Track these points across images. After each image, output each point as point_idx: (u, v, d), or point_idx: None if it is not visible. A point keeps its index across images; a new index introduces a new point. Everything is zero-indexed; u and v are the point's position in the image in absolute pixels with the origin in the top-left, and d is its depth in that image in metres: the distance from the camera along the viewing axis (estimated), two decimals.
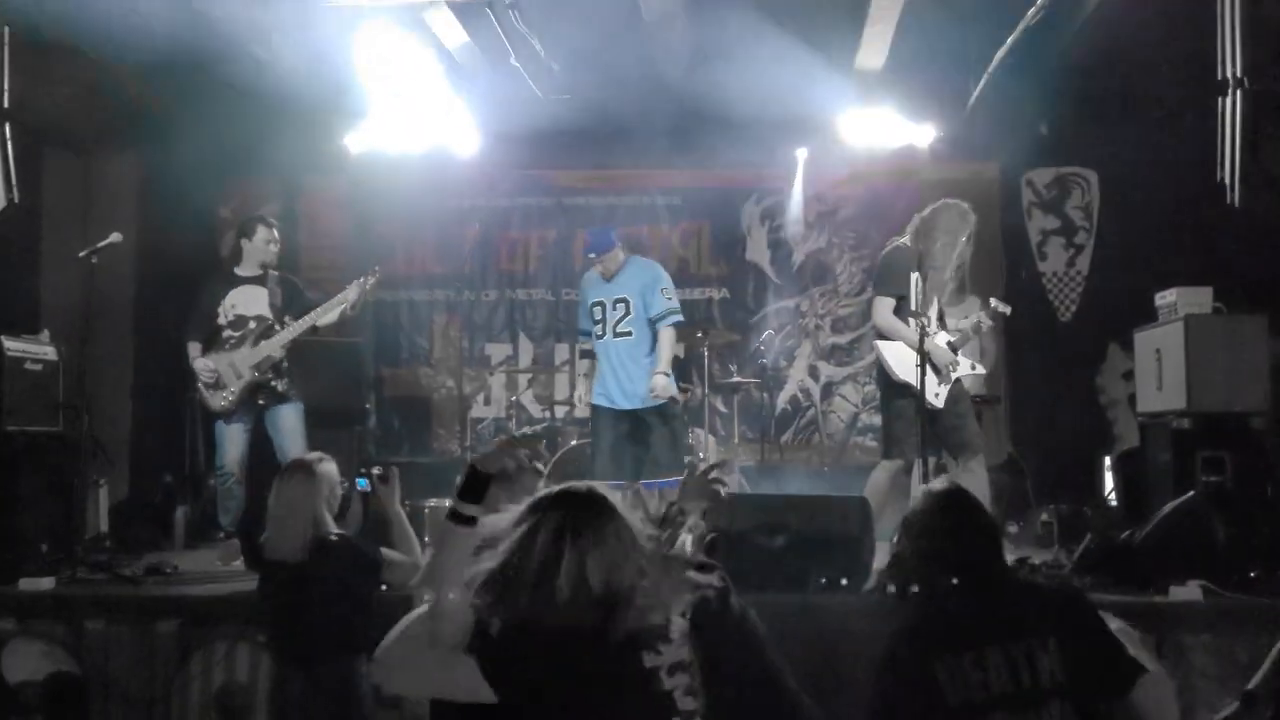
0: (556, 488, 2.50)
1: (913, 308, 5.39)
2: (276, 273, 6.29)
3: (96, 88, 6.83)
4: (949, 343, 5.77)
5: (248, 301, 6.15)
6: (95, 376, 5.74)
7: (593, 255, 6.54)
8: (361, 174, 8.43)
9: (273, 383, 6.07)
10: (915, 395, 5.36)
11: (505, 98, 8.14)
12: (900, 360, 5.58)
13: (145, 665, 4.67)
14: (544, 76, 7.65)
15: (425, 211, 8.88)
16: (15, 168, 5.67)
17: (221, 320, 6.12)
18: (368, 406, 8.44)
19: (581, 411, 6.94)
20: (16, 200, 5.70)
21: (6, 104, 5.59)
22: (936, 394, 5.60)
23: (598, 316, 6.44)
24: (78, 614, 4.76)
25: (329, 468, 4.07)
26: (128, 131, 7.80)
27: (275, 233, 6.31)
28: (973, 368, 5.92)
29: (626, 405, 6.33)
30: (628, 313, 6.37)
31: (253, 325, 6.11)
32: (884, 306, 5.73)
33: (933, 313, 5.74)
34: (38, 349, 5.80)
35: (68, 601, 4.85)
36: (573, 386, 6.62)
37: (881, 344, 5.74)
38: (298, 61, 7.40)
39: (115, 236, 5.69)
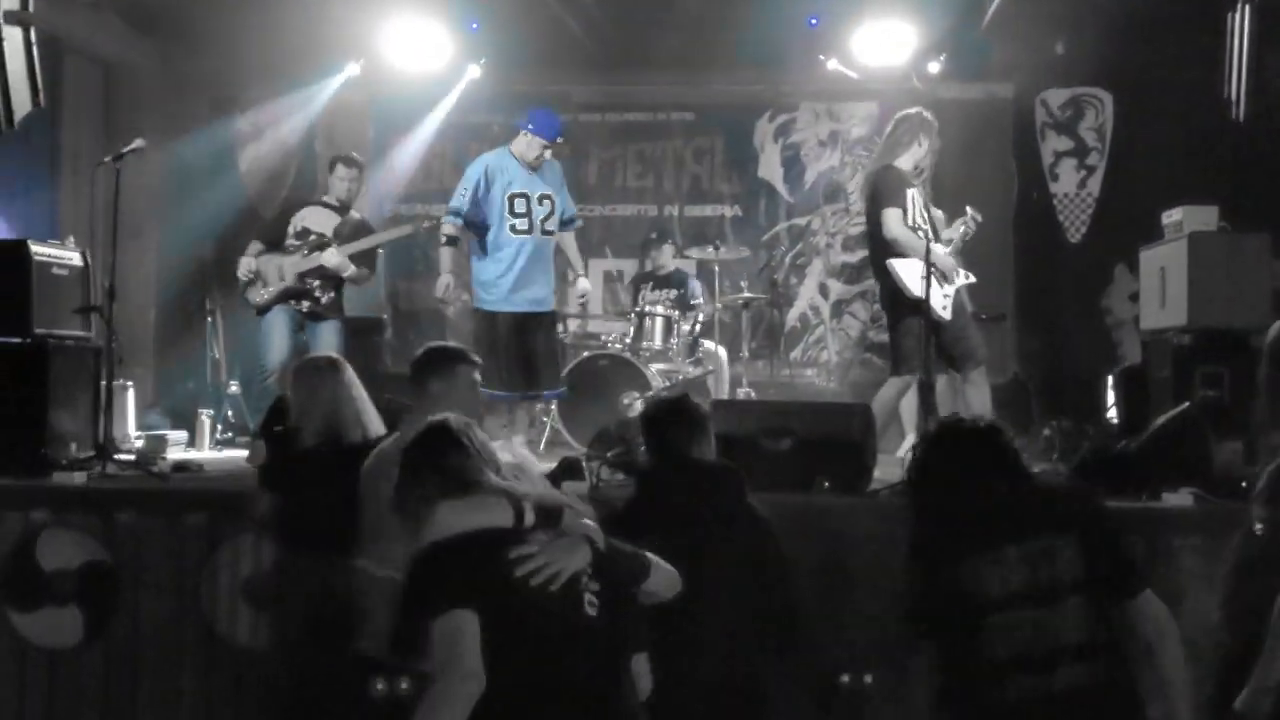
0: None
1: (911, 223, 5.50)
2: (357, 215, 6.70)
3: None
4: (946, 254, 5.87)
5: (318, 220, 6.54)
6: (120, 283, 5.86)
7: (555, 141, 6.10)
8: (378, 89, 8.50)
9: (317, 294, 6.37)
10: (924, 311, 5.48)
11: (521, 16, 8.16)
12: (913, 276, 5.67)
13: (174, 555, 4.77)
14: None
15: (441, 126, 8.92)
16: (40, 72, 5.73)
17: (290, 230, 6.50)
18: (384, 318, 8.57)
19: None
20: (42, 104, 5.77)
21: (31, 8, 5.64)
22: (944, 306, 5.71)
23: (520, 209, 5.99)
24: (109, 506, 4.86)
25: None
26: (147, 39, 7.83)
27: (355, 171, 6.66)
28: (966, 277, 6.00)
29: (534, 309, 6.07)
30: (552, 211, 6.09)
31: (312, 239, 6.45)
32: (894, 217, 5.76)
33: (928, 225, 5.85)
34: (64, 254, 5.89)
35: (99, 494, 4.98)
36: (447, 286, 6.09)
37: (895, 261, 5.80)
38: None
39: (139, 142, 5.76)
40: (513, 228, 5.98)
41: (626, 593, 2.61)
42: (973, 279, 6.10)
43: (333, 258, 6.37)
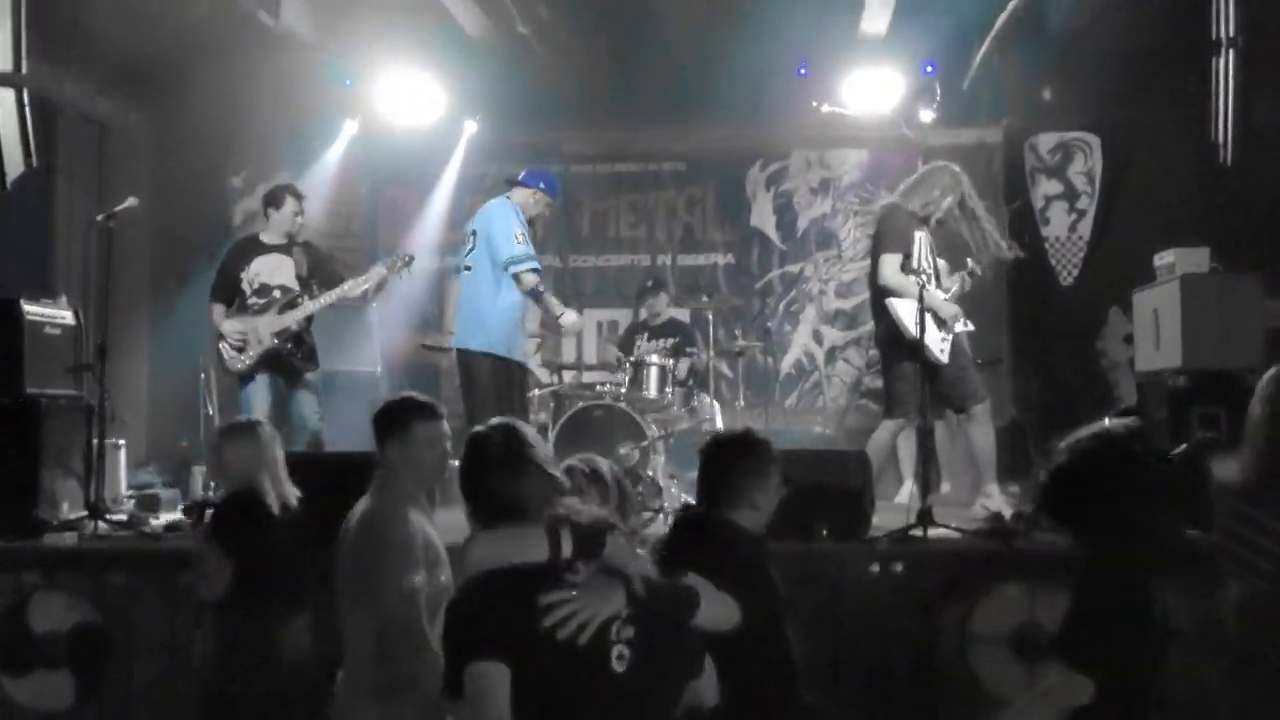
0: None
1: (915, 265, 5.51)
2: (302, 242, 6.45)
3: (109, 56, 6.92)
4: (945, 300, 5.86)
5: (272, 270, 6.33)
6: (112, 340, 5.86)
7: (551, 201, 6.36)
8: (372, 142, 8.57)
9: (293, 355, 6.26)
10: (920, 354, 5.48)
11: (514, 67, 8.26)
12: (911, 317, 5.67)
13: (167, 616, 4.76)
14: (551, 44, 7.74)
15: (435, 179, 8.97)
16: (33, 133, 5.76)
17: (245, 288, 6.30)
18: (377, 372, 8.55)
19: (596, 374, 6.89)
20: (34, 164, 5.79)
21: (25, 69, 5.68)
22: (941, 350, 5.71)
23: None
24: (100, 567, 4.86)
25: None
26: (141, 98, 7.88)
27: (302, 204, 6.46)
28: (965, 324, 6.00)
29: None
30: None
31: (277, 294, 6.30)
32: (891, 263, 5.76)
33: (934, 269, 5.87)
34: (56, 313, 5.89)
35: (91, 555, 4.97)
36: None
37: (894, 301, 5.78)
38: (306, 32, 7.54)
39: (132, 201, 5.79)
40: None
41: (672, 630, 2.46)
42: (970, 327, 6.10)
43: (301, 319, 6.26)
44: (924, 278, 5.56)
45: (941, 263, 6.18)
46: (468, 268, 6.11)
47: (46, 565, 4.88)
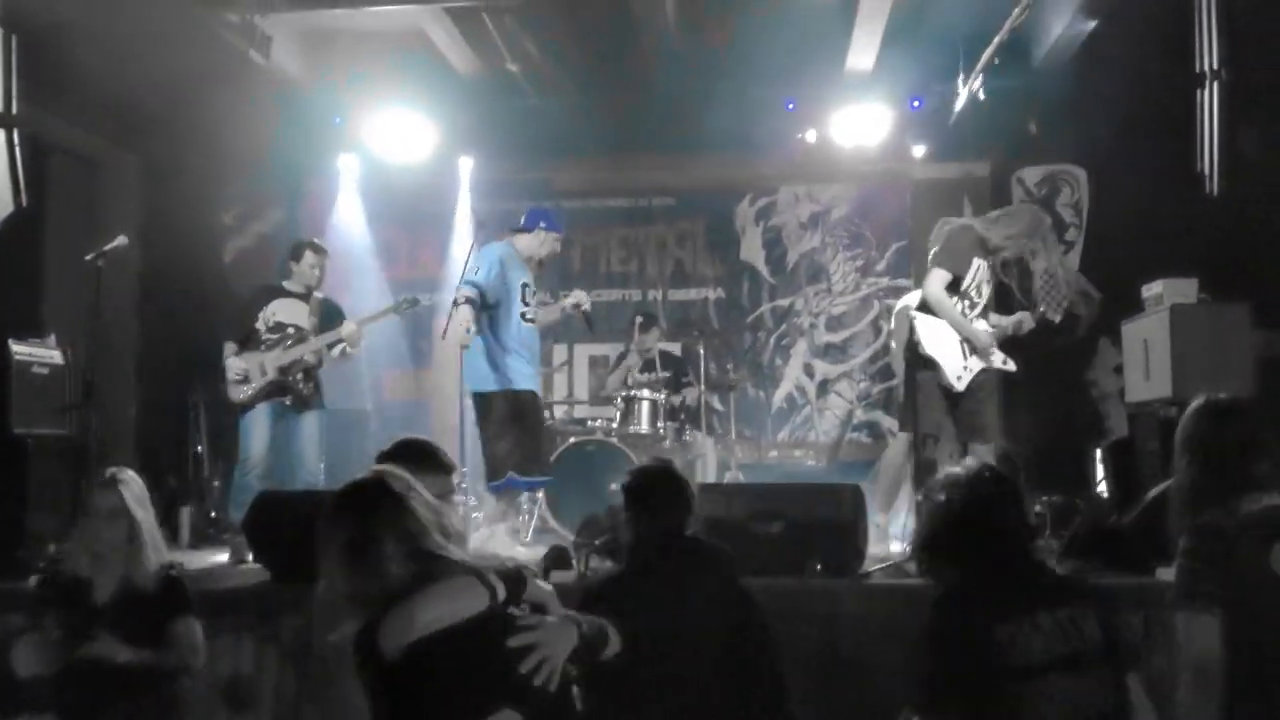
0: None
1: (962, 289, 5.52)
2: (320, 296, 6.63)
3: (100, 95, 6.93)
4: (988, 332, 5.85)
5: (290, 312, 6.48)
6: (101, 379, 5.84)
7: (559, 235, 6.44)
8: (363, 179, 8.60)
9: (299, 386, 6.35)
10: (936, 372, 5.48)
11: (504, 104, 8.30)
12: (931, 335, 5.66)
13: None
14: (540, 81, 7.78)
15: (426, 215, 8.99)
16: (23, 172, 5.76)
17: (260, 326, 6.41)
18: (367, 409, 8.53)
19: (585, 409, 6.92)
20: (24, 204, 5.79)
21: (15, 110, 5.69)
22: (959, 377, 5.69)
23: (529, 299, 6.24)
24: None
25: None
26: (132, 137, 7.89)
27: (323, 258, 6.65)
28: (1004, 362, 5.94)
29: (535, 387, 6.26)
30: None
31: (290, 331, 6.41)
32: (938, 279, 5.71)
33: (983, 299, 5.84)
34: (44, 353, 5.89)
35: None
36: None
37: (918, 316, 5.75)
38: (297, 71, 7.56)
39: (121, 240, 5.80)
40: (523, 315, 6.15)
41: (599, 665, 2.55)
42: (1012, 367, 6.01)
43: (310, 354, 6.38)
44: (970, 304, 5.56)
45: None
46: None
47: (31, 607, 4.81)
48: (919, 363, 5.71)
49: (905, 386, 6.01)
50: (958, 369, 5.69)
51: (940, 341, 5.47)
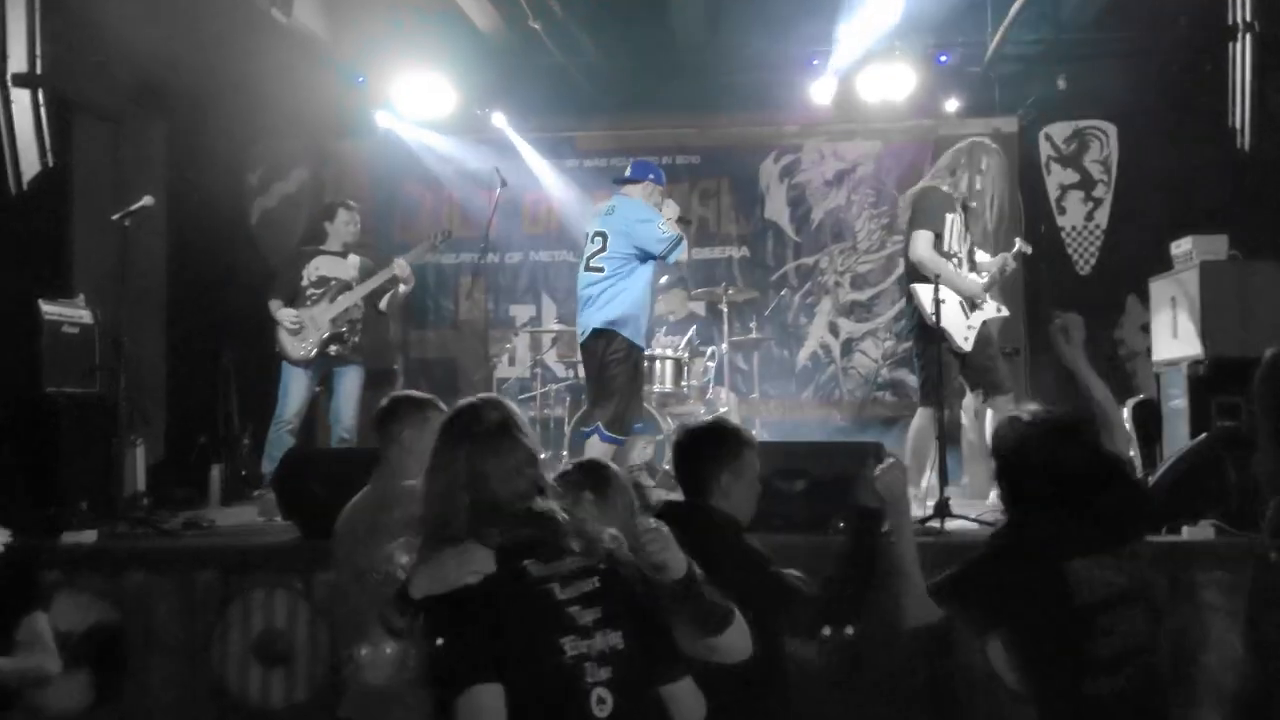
0: None
1: (945, 248, 5.48)
2: (359, 251, 6.80)
3: (124, 55, 6.94)
4: (979, 283, 5.84)
5: (333, 267, 6.65)
6: (130, 339, 5.89)
7: (664, 189, 6.38)
8: (387, 139, 8.59)
9: (347, 337, 6.52)
10: (944, 339, 5.49)
11: (527, 62, 8.25)
12: (932, 302, 5.64)
13: (185, 614, 4.76)
14: (563, 39, 7.73)
15: (449, 175, 8.99)
16: (49, 133, 5.79)
17: (305, 281, 6.58)
18: (396, 369, 8.58)
19: None
20: (51, 165, 5.82)
21: (40, 70, 5.70)
22: (965, 338, 5.69)
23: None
24: (118, 566, 4.86)
25: None
26: (156, 97, 7.90)
27: (355, 215, 6.79)
28: (998, 309, 5.95)
29: None
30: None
31: (333, 284, 6.57)
32: (924, 240, 5.68)
33: (964, 252, 5.83)
34: (74, 312, 5.94)
35: (109, 554, 4.97)
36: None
37: (918, 287, 5.72)
38: (319, 29, 7.55)
39: (147, 199, 5.83)
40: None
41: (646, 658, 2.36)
42: (1005, 312, 6.05)
43: (357, 300, 6.54)
44: (956, 260, 5.53)
45: (983, 256, 6.11)
46: (598, 269, 5.99)
47: (65, 565, 4.89)
48: (929, 335, 5.67)
49: (918, 361, 5.98)
50: (963, 331, 5.69)
51: (945, 310, 5.44)
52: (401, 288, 6.65)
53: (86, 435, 5.76)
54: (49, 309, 5.75)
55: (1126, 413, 7.45)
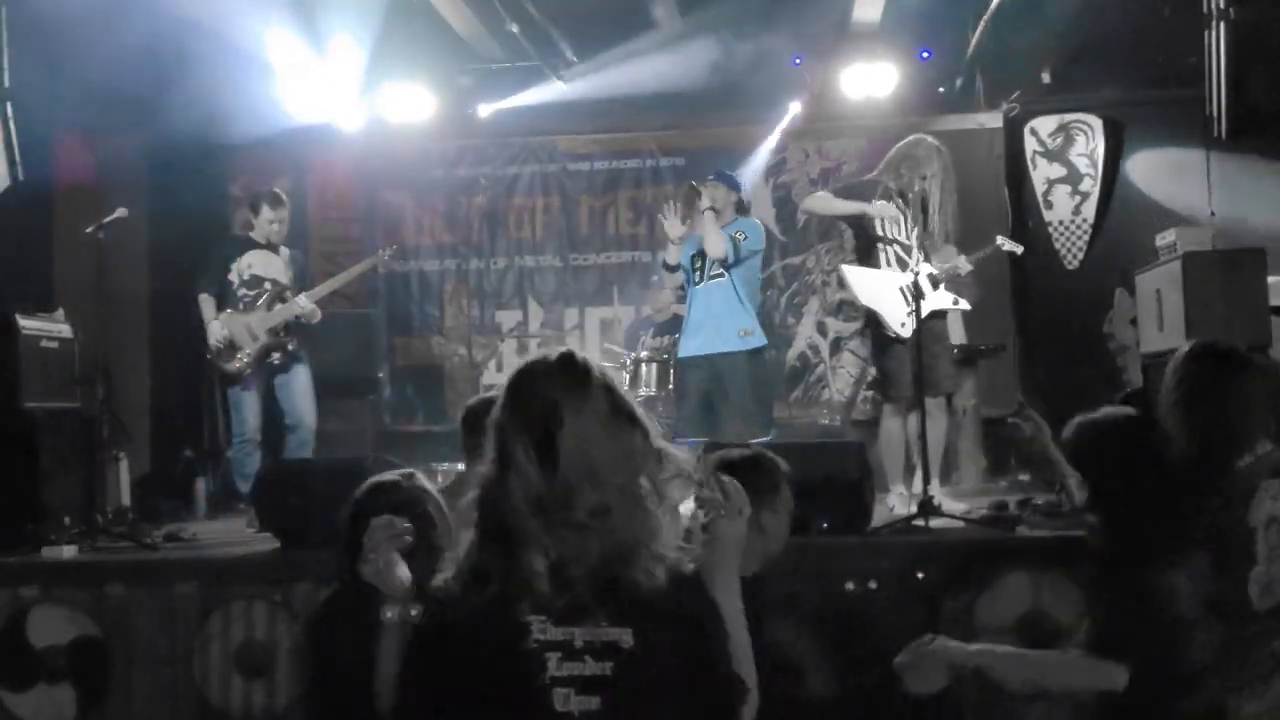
0: None
1: (882, 232, 5.47)
2: (288, 250, 6.47)
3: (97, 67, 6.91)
4: (930, 275, 5.63)
5: (264, 264, 6.33)
6: (113, 352, 5.86)
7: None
8: (368, 146, 8.55)
9: (286, 344, 6.23)
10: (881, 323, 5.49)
11: (506, 67, 8.23)
12: (864, 285, 5.59)
13: (165, 626, 4.73)
14: (542, 42, 7.71)
15: (432, 181, 8.96)
16: (19, 147, 5.75)
17: (234, 279, 6.27)
18: (381, 376, 8.55)
19: None
20: (20, 179, 5.78)
21: (7, 83, 5.67)
22: (903, 323, 5.47)
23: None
24: (98, 579, 4.83)
25: None
26: (136, 108, 7.87)
27: (282, 212, 6.40)
28: (955, 302, 5.80)
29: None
30: None
31: (268, 287, 6.28)
32: (822, 196, 6.02)
33: (911, 239, 5.72)
34: (53, 327, 5.90)
35: (88, 567, 4.95)
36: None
37: (846, 270, 5.75)
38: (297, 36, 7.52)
39: (121, 211, 5.78)
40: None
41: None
42: (964, 304, 5.95)
43: (305, 305, 6.21)
44: (898, 248, 5.51)
45: (950, 249, 6.03)
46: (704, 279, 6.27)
47: (45, 579, 4.87)
48: (879, 327, 5.59)
49: (877, 359, 5.88)
50: (900, 317, 5.46)
51: (876, 290, 5.35)
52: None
53: (67, 450, 5.73)
54: (27, 323, 5.71)
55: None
